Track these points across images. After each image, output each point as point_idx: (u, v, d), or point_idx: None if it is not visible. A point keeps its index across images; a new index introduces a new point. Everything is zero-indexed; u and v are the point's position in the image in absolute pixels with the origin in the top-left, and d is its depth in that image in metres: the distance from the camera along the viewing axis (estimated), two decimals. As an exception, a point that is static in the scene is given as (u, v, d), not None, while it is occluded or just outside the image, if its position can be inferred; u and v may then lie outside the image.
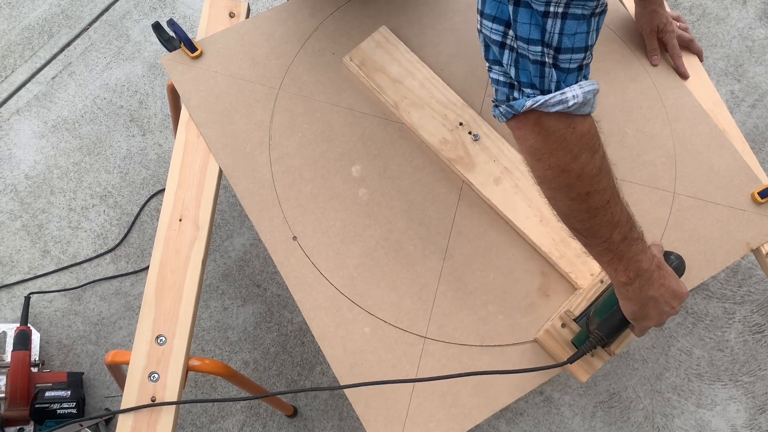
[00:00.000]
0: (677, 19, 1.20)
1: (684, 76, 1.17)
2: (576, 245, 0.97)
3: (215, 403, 1.49)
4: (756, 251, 1.08)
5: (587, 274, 1.01)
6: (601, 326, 0.90)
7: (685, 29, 1.20)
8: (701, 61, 1.21)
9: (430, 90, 1.11)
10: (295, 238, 1.03)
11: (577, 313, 0.97)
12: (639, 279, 0.80)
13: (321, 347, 0.96)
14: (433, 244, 1.04)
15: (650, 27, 1.16)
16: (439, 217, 1.05)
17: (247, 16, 1.19)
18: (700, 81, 1.19)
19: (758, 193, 1.09)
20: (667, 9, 1.17)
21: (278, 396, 1.44)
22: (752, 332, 1.61)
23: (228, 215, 1.65)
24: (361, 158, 1.09)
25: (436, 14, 1.19)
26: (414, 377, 0.95)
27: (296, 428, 1.49)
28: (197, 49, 1.12)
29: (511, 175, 1.06)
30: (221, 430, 1.48)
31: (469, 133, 1.09)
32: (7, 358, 1.41)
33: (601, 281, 0.99)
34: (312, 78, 1.13)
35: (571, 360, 0.92)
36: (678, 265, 0.90)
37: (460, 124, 1.09)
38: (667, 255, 0.90)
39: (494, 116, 0.76)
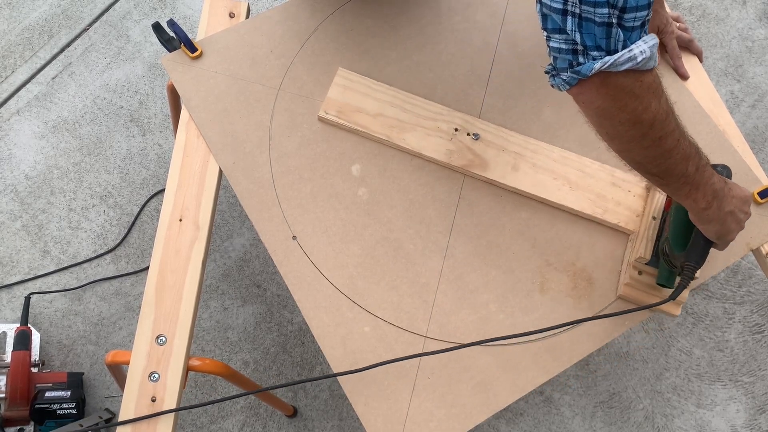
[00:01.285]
0: (677, 19, 1.20)
1: (684, 76, 1.17)
2: (611, 193, 1.05)
3: (215, 404, 1.49)
4: (756, 251, 1.08)
5: (633, 216, 1.04)
6: (690, 256, 0.90)
7: (685, 30, 1.20)
8: (701, 61, 1.21)
9: (413, 110, 1.10)
10: (294, 237, 1.03)
11: (648, 256, 0.98)
12: (716, 200, 0.84)
13: (321, 347, 0.96)
14: (434, 243, 1.04)
15: (650, 27, 1.16)
16: (440, 215, 1.05)
17: (247, 17, 1.19)
18: (699, 81, 1.19)
19: (758, 194, 1.09)
20: (667, 9, 1.17)
21: (278, 396, 1.44)
22: (752, 332, 1.61)
23: (228, 215, 1.65)
24: (361, 157, 1.09)
25: (436, 14, 1.19)
26: (414, 376, 0.95)
27: (296, 428, 1.49)
28: (197, 50, 1.12)
29: (523, 157, 1.07)
30: (221, 430, 1.48)
31: (468, 134, 1.09)
32: (7, 358, 1.41)
33: (653, 218, 1.01)
34: (312, 78, 1.13)
35: (674, 295, 0.91)
36: (728, 172, 0.93)
37: (456, 129, 1.08)
38: (715, 167, 0.91)
39: (553, 86, 0.77)
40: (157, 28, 1.12)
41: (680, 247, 0.92)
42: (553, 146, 1.09)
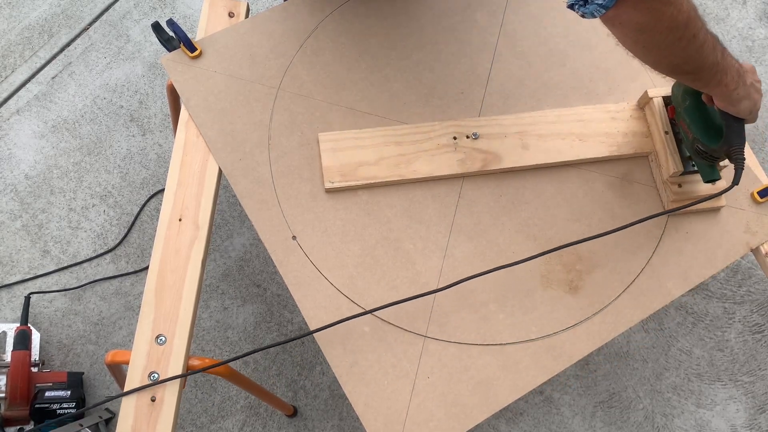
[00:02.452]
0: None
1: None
2: (615, 127, 1.09)
3: (215, 403, 1.49)
4: (756, 251, 1.08)
5: (643, 139, 1.09)
6: (733, 140, 0.93)
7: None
8: None
9: (407, 138, 1.08)
10: (294, 237, 1.03)
11: (681, 168, 1.02)
12: (740, 78, 0.88)
13: (320, 347, 0.96)
14: (433, 242, 1.04)
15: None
16: (439, 215, 1.05)
17: (247, 16, 1.19)
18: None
19: (758, 193, 1.09)
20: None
21: (278, 396, 1.44)
22: (752, 332, 1.61)
23: (228, 215, 1.65)
24: (361, 158, 1.09)
25: (435, 14, 1.19)
26: (414, 376, 0.95)
27: (296, 428, 1.49)
28: (197, 49, 1.12)
29: (526, 133, 1.09)
30: (221, 430, 1.48)
31: (467, 137, 1.09)
32: (7, 358, 1.41)
33: (665, 132, 1.05)
34: (311, 77, 1.13)
35: (737, 180, 0.93)
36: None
37: (454, 138, 1.08)
38: None
39: (584, 15, 0.78)
40: (156, 27, 1.12)
41: (715, 139, 0.96)
42: (544, 110, 1.11)
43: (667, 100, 1.07)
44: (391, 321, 0.98)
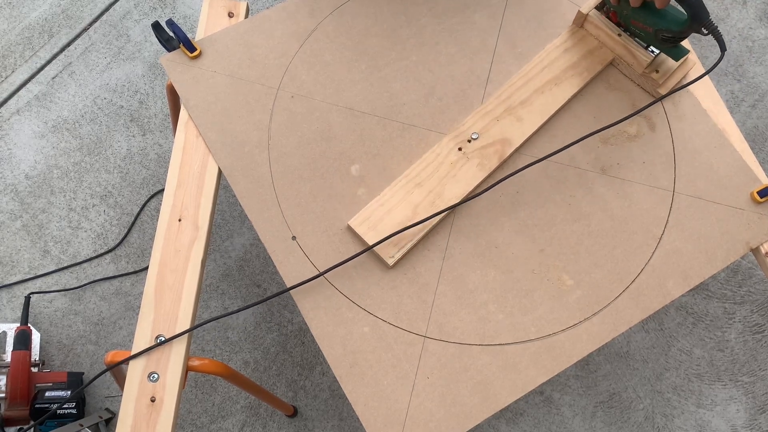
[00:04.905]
0: None
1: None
2: (571, 55, 1.15)
3: (215, 403, 1.49)
4: (756, 251, 1.08)
5: (599, 50, 1.15)
6: (697, 16, 0.97)
7: None
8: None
9: (423, 174, 1.06)
10: (294, 237, 1.03)
11: (649, 58, 1.08)
12: None
13: (320, 347, 0.97)
14: (433, 243, 1.04)
15: None
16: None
17: (246, 16, 1.19)
18: (700, 81, 1.18)
19: (758, 193, 1.09)
20: None
21: (278, 396, 1.44)
22: (752, 332, 1.61)
23: (228, 215, 1.65)
24: (360, 157, 1.09)
25: (434, 14, 1.19)
26: (414, 376, 0.95)
27: (296, 428, 1.49)
28: (196, 49, 1.12)
29: (512, 107, 1.11)
30: (221, 430, 1.48)
31: (469, 141, 1.09)
32: (7, 358, 1.41)
33: (619, 35, 1.10)
34: (311, 78, 1.13)
35: (723, 47, 0.98)
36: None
37: (459, 149, 1.08)
38: None
39: None
40: (157, 27, 1.12)
41: (680, 22, 1.00)
42: (511, 79, 1.14)
43: (600, 7, 1.13)
44: (391, 321, 0.99)
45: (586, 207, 1.07)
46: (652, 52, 1.09)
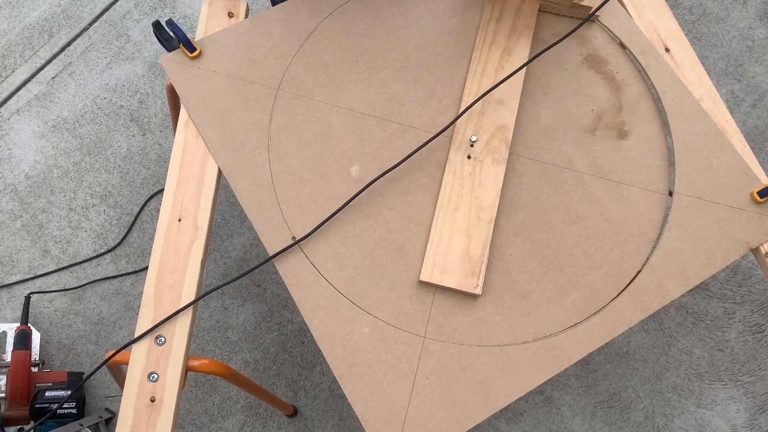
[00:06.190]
0: None
1: None
2: (504, 20, 1.16)
3: (215, 403, 1.49)
4: (755, 251, 1.08)
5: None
6: None
7: None
8: None
9: (453, 194, 1.06)
10: (294, 238, 1.03)
11: None
12: None
13: (320, 347, 0.97)
14: (433, 244, 1.04)
15: None
16: (439, 217, 1.05)
17: (246, 16, 1.19)
18: (700, 80, 1.19)
19: (757, 193, 1.09)
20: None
21: (278, 396, 1.44)
22: (752, 332, 1.61)
23: (228, 215, 1.65)
24: (360, 158, 1.09)
25: (434, 15, 1.19)
26: (413, 377, 0.95)
27: (296, 428, 1.49)
28: (196, 49, 1.12)
29: (489, 95, 1.11)
30: (221, 429, 1.48)
31: (471, 145, 1.08)
32: (8, 357, 1.41)
33: None
34: (311, 78, 1.13)
35: None
36: None
37: (469, 157, 1.08)
38: None
39: None
40: (157, 26, 1.12)
41: None
42: (468, 73, 1.14)
43: None
44: (391, 322, 0.99)
45: (583, 210, 1.07)
46: None
